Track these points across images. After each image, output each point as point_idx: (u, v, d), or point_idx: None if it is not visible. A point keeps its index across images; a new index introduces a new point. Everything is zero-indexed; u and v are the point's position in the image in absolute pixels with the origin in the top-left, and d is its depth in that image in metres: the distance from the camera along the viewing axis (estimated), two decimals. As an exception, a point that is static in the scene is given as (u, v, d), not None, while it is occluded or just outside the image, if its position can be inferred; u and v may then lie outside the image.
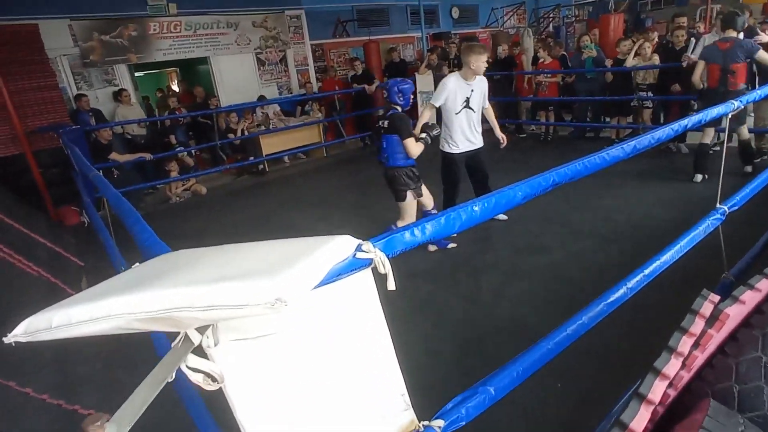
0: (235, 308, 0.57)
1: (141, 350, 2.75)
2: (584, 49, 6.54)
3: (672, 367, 0.86)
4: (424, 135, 3.25)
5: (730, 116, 1.97)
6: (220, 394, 0.82)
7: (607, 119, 6.64)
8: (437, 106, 3.64)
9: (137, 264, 0.80)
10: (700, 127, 3.20)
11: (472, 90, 3.61)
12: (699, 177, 4.55)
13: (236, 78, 8.01)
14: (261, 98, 7.90)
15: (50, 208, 5.54)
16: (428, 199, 3.54)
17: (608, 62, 6.27)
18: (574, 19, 12.87)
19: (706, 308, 0.95)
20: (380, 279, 0.83)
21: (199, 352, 0.70)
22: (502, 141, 3.95)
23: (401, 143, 3.19)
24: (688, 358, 0.98)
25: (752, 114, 5.07)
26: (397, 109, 3.25)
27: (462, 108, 3.62)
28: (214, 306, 0.57)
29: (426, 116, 3.64)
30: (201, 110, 7.09)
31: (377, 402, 0.93)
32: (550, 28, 11.83)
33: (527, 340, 1.29)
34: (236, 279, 0.59)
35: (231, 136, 6.99)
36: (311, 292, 0.66)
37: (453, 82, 3.59)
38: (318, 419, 0.91)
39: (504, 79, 7.29)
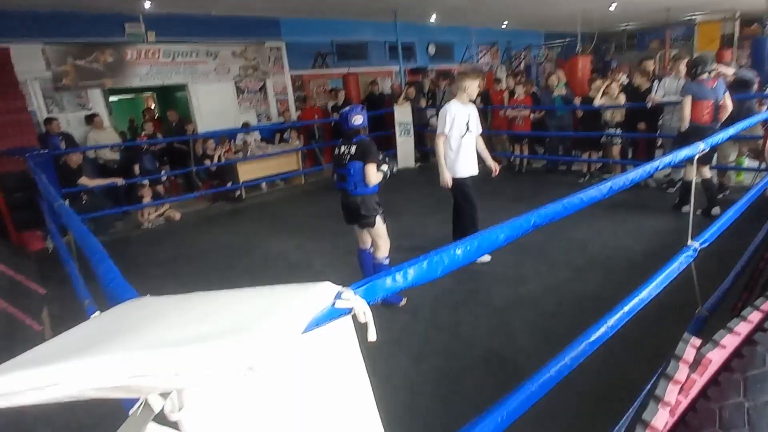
0: (202, 377, 0.52)
1: (102, 409, 2.58)
2: (555, 88, 6.87)
3: (660, 418, 0.84)
4: (385, 166, 3.14)
5: (697, 157, 2.05)
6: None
7: (578, 153, 6.89)
8: (446, 132, 3.74)
9: (97, 313, 0.74)
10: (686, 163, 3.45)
11: (470, 114, 3.77)
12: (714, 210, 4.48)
13: (214, 105, 7.98)
14: (245, 125, 7.88)
15: (12, 233, 5.30)
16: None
17: (577, 100, 6.54)
18: (543, 58, 13.47)
19: (689, 353, 0.95)
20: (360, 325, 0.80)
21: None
22: (494, 169, 4.01)
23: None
24: (674, 405, 0.97)
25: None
26: (363, 136, 3.13)
27: (466, 131, 3.75)
28: (179, 374, 0.52)
29: (440, 146, 3.79)
30: (177, 136, 7.00)
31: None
32: (522, 66, 12.34)
33: (505, 373, 1.28)
34: (204, 342, 0.54)
35: (207, 162, 6.90)
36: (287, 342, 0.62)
37: (454, 107, 3.72)
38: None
39: (480, 113, 7.50)
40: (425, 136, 8.35)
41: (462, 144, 3.75)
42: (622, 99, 5.92)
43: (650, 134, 5.89)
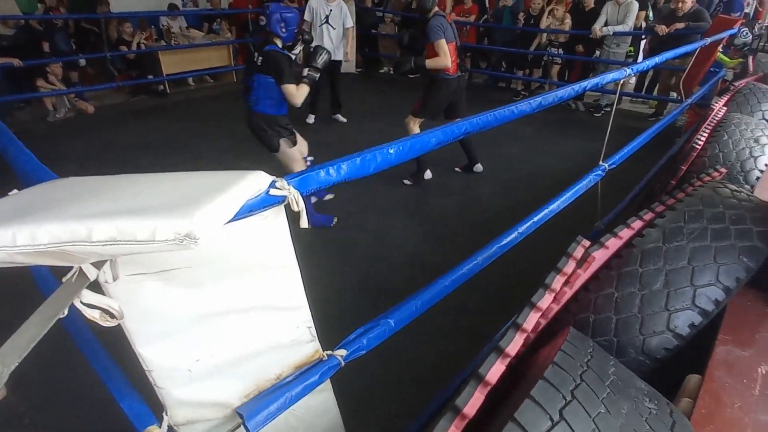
0: (140, 244, 0.53)
1: (17, 287, 2.49)
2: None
3: (545, 301, 1.00)
4: (306, 72, 2.69)
5: (621, 82, 2.17)
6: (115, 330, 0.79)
7: (518, 71, 6.92)
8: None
9: (15, 191, 0.70)
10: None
11: (331, 9, 4.78)
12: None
13: (130, -21, 6.90)
14: (172, 7, 6.95)
15: None
16: (303, 146, 3.10)
17: (521, 14, 6.42)
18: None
19: (578, 252, 1.11)
20: (291, 216, 0.83)
21: (95, 287, 0.66)
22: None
23: (276, 87, 2.65)
24: (559, 293, 1.14)
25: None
26: (276, 44, 2.68)
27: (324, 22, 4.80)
28: (116, 240, 0.53)
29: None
30: (86, 14, 6.07)
31: (285, 333, 0.96)
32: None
33: (428, 276, 1.41)
34: (141, 213, 0.55)
35: (124, 48, 6.14)
36: (217, 231, 0.64)
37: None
38: (224, 351, 0.92)
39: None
40: (371, 39, 7.93)
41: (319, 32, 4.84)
42: (568, 21, 5.91)
43: (590, 58, 6.03)
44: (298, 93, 2.63)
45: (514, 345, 0.85)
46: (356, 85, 7.19)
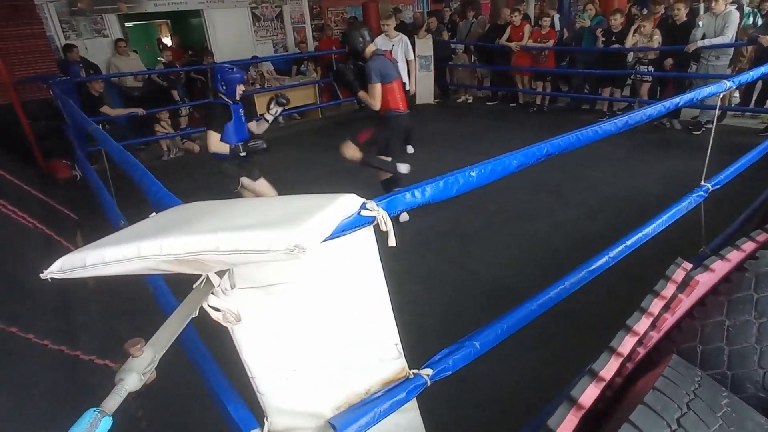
0: (257, 253, 0.62)
1: (137, 301, 2.84)
2: (578, 19, 6.45)
3: (642, 325, 0.94)
4: (269, 115, 3.16)
5: (722, 95, 2.01)
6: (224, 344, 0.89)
7: (602, 91, 6.60)
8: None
9: (154, 213, 0.84)
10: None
11: (393, 45, 4.93)
12: None
13: (231, 33, 7.79)
14: (254, 58, 7.72)
15: (40, 161, 5.48)
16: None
17: (599, 31, 6.15)
18: (578, -15, 12.51)
19: (678, 274, 1.03)
20: (380, 236, 0.89)
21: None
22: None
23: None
24: (659, 319, 1.07)
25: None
26: (221, 98, 2.99)
27: None
28: (238, 250, 0.62)
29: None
30: (195, 66, 6.93)
31: (374, 349, 1.01)
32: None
33: (511, 304, 1.38)
34: (258, 228, 0.64)
35: (224, 94, 6.87)
36: (318, 246, 0.71)
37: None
38: (319, 363, 0.99)
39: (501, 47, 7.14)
40: (446, 71, 8.09)
41: None
42: (657, 37, 5.58)
43: (686, 74, 5.61)
44: (217, 143, 2.94)
45: (609, 368, 0.81)
46: (434, 115, 7.33)
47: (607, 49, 6.05)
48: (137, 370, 0.61)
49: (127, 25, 7.63)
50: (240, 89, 3.04)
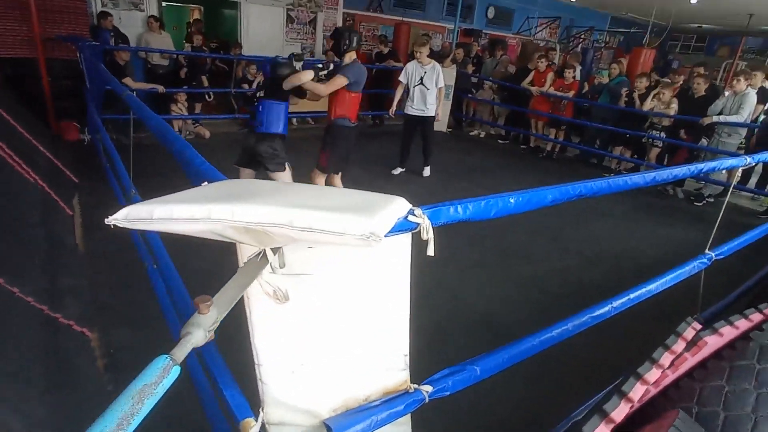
0: (332, 234, 0.63)
1: (128, 274, 2.81)
2: (598, 75, 6.61)
3: (652, 375, 0.96)
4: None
5: (735, 172, 2.08)
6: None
7: (612, 148, 6.72)
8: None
9: (206, 183, 0.85)
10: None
11: (426, 72, 5.08)
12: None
13: (263, 29, 7.89)
14: (296, 56, 7.82)
15: (52, 120, 5.47)
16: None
17: (624, 91, 6.33)
18: (603, 44, 12.91)
19: (689, 333, 1.06)
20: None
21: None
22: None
23: (277, 109, 3.03)
24: (660, 374, 1.09)
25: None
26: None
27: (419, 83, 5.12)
28: (312, 228, 0.63)
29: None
30: (223, 55, 6.99)
31: (383, 356, 1.02)
32: (579, 48, 11.87)
33: (498, 339, 1.41)
34: (333, 211, 0.66)
35: (245, 86, 6.92)
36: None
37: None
38: (327, 361, 0.99)
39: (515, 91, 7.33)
40: (464, 102, 8.23)
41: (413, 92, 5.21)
42: (674, 105, 5.75)
43: (696, 145, 5.76)
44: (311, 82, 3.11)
45: (620, 412, 0.83)
46: (446, 143, 7.42)
47: (625, 109, 6.20)
48: (204, 326, 0.61)
49: (163, 4, 7.72)
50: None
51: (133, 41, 6.45)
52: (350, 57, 3.41)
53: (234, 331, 1.06)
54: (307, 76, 3.05)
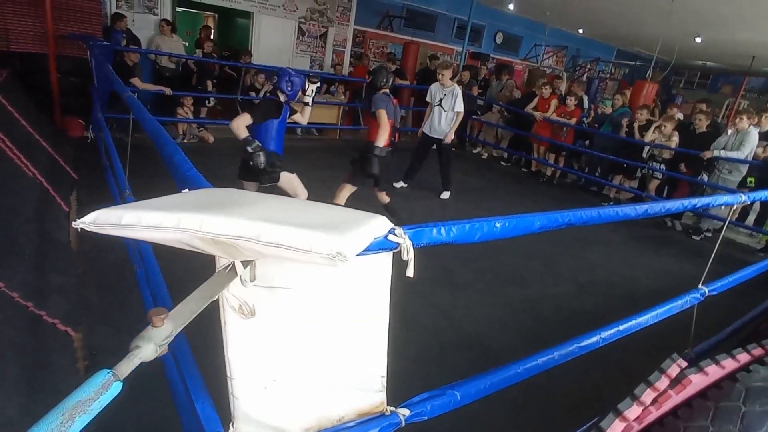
0: (298, 251, 0.62)
1: (118, 276, 2.78)
2: (601, 105, 6.70)
3: (632, 412, 0.93)
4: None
5: (734, 207, 2.07)
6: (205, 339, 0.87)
7: (612, 177, 6.74)
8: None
9: (187, 190, 0.84)
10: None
11: (445, 94, 5.23)
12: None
13: (274, 40, 8.00)
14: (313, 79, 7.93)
15: (57, 116, 5.50)
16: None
17: (625, 121, 6.37)
18: (609, 75, 13.06)
19: (673, 370, 1.03)
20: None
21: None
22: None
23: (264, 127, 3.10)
24: (643, 411, 1.06)
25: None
26: (277, 96, 3.13)
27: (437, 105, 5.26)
28: (279, 244, 0.62)
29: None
30: (232, 62, 7.07)
31: (359, 376, 0.99)
32: (584, 78, 12.01)
33: (486, 362, 1.37)
34: (302, 226, 0.64)
35: (252, 94, 6.98)
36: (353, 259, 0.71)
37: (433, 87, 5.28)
38: (301, 378, 0.97)
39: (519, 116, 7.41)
40: (468, 123, 8.28)
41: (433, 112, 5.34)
42: (675, 138, 5.78)
43: (695, 179, 5.77)
44: (239, 121, 2.97)
45: (596, 448, 0.80)
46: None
47: (626, 139, 6.24)
48: (155, 341, 0.59)
49: (177, 9, 7.84)
50: (301, 95, 3.28)
51: (144, 44, 6.54)
52: (381, 91, 3.80)
53: (217, 340, 1.03)
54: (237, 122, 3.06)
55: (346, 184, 3.86)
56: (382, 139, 3.54)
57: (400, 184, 5.59)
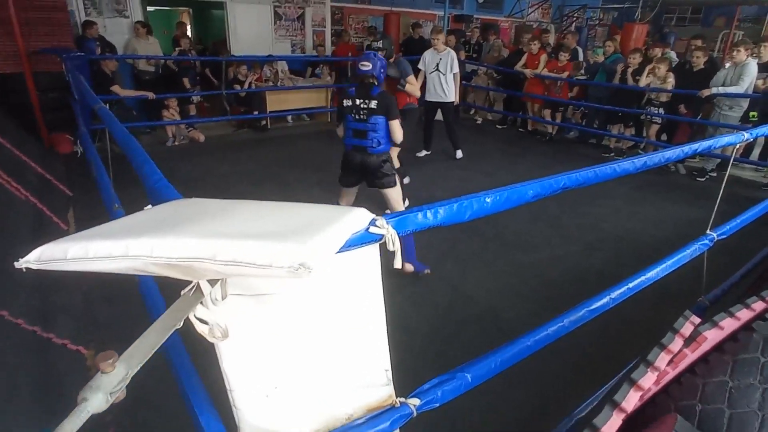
0: (258, 267, 0.57)
1: (123, 288, 2.76)
2: (592, 54, 6.52)
3: (647, 380, 0.90)
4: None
5: (737, 147, 1.99)
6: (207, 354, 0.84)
7: (610, 128, 6.60)
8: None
9: (149, 206, 0.80)
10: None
11: (441, 58, 5.24)
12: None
13: (251, 28, 7.79)
14: (269, 56, 7.74)
15: (44, 134, 5.42)
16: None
17: (619, 66, 6.19)
18: (597, 22, 12.68)
19: (687, 329, 0.99)
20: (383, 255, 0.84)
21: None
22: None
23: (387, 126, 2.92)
24: (661, 372, 1.02)
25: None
26: (380, 88, 2.97)
27: (435, 70, 5.31)
28: (237, 262, 0.57)
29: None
30: (211, 57, 6.91)
31: (362, 373, 0.96)
32: (573, 27, 11.65)
33: (501, 333, 1.34)
34: (262, 237, 0.59)
35: (237, 87, 6.85)
36: (324, 265, 0.67)
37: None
38: (303, 382, 0.94)
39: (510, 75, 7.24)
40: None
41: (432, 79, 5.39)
42: (671, 80, 5.61)
43: (696, 120, 5.63)
44: (401, 130, 2.95)
45: (612, 425, 0.77)
46: (443, 131, 7.31)
47: (620, 86, 6.08)
48: (105, 390, 0.53)
49: (148, 9, 7.63)
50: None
51: (120, 48, 6.38)
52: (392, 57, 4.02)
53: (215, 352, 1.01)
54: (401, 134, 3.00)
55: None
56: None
57: (422, 153, 5.86)
